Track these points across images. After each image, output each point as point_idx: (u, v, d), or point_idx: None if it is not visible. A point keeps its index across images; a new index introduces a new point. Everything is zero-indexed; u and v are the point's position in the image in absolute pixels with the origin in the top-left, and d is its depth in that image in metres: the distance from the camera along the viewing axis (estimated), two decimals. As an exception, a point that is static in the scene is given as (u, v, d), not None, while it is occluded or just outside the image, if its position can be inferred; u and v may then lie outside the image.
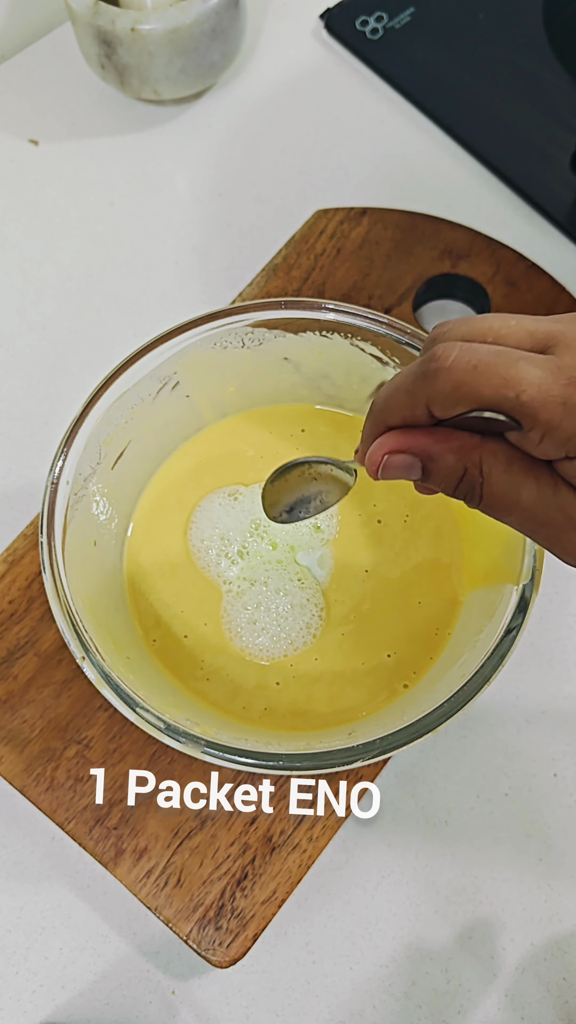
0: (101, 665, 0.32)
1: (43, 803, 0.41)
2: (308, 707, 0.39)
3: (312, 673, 0.40)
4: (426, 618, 0.40)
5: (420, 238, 0.51)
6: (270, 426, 0.44)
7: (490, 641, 0.33)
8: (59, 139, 0.58)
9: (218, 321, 0.38)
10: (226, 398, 0.43)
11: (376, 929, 0.41)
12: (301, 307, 0.38)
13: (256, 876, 0.39)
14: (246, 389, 0.43)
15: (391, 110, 0.59)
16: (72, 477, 0.35)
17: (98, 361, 0.52)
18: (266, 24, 0.62)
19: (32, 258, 0.55)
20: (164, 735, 0.31)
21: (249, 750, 0.32)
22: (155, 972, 0.41)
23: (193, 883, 0.39)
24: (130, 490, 0.42)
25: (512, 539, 0.35)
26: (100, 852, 0.40)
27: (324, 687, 0.39)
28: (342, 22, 0.61)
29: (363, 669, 0.40)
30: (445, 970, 0.41)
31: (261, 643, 0.40)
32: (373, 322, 0.38)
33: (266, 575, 0.41)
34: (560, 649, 0.45)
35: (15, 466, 0.50)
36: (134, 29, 0.51)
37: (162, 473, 0.43)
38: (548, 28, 0.60)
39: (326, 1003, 0.40)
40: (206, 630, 0.40)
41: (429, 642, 0.40)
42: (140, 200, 0.57)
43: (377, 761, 0.32)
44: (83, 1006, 0.40)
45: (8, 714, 0.42)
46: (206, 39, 0.53)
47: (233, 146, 0.58)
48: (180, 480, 0.43)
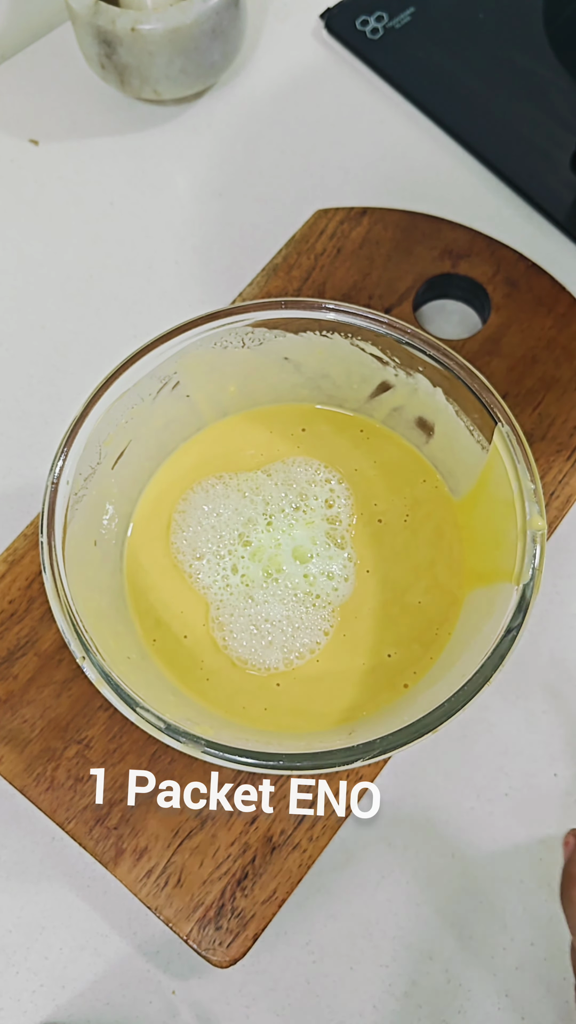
0: (101, 665, 0.32)
1: (43, 803, 0.41)
2: (308, 707, 0.39)
3: (312, 673, 0.40)
4: (426, 618, 0.40)
5: (420, 238, 0.51)
6: (270, 426, 0.44)
7: (490, 641, 0.33)
8: (59, 139, 0.58)
9: (218, 321, 0.38)
10: (226, 398, 0.43)
11: (376, 929, 0.41)
12: (301, 307, 0.38)
13: (256, 876, 0.40)
14: (246, 389, 0.43)
15: (391, 110, 0.59)
16: (72, 477, 0.35)
17: (98, 361, 0.52)
18: (266, 24, 0.62)
19: (32, 258, 0.55)
20: (164, 735, 0.31)
21: (249, 750, 0.32)
22: (155, 972, 0.41)
23: (193, 883, 0.39)
24: (130, 490, 0.42)
25: (512, 539, 0.35)
26: (100, 852, 0.40)
27: (324, 687, 0.39)
28: (342, 22, 0.61)
29: (363, 669, 0.40)
30: (445, 970, 0.41)
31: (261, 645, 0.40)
32: (373, 322, 0.38)
33: (265, 578, 0.41)
34: (560, 649, 0.45)
35: (15, 466, 0.50)
36: (134, 29, 0.51)
37: (162, 473, 0.43)
38: (548, 28, 0.60)
39: (326, 1003, 0.40)
40: (206, 630, 0.40)
41: (429, 642, 0.40)
42: (140, 200, 0.57)
43: (377, 761, 0.32)
44: (83, 1006, 0.40)
45: (8, 714, 0.42)
46: (206, 39, 0.53)
47: (233, 146, 0.58)
48: (180, 480, 0.43)
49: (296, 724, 0.38)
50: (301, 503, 0.42)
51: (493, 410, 0.36)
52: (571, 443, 0.46)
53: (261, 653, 0.39)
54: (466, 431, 0.37)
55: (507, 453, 0.35)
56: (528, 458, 0.35)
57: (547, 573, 0.47)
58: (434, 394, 0.38)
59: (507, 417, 0.36)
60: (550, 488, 0.46)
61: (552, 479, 0.46)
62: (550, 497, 0.45)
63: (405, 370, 0.39)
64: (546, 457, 0.46)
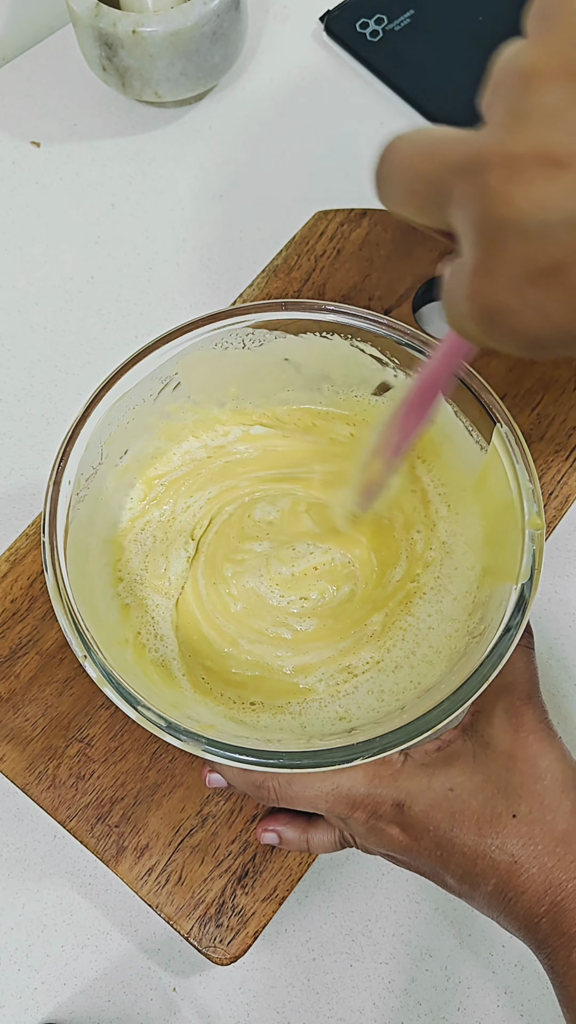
0: (103, 663, 0.33)
1: (45, 801, 0.41)
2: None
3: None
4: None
5: (420, 239, 0.51)
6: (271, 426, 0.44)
7: (488, 640, 0.33)
8: (60, 141, 0.59)
9: (219, 322, 0.38)
10: (227, 399, 0.43)
11: (376, 926, 0.41)
12: (301, 308, 0.38)
13: (257, 874, 0.40)
14: (247, 390, 0.43)
15: (391, 112, 0.59)
16: (74, 477, 0.36)
17: (99, 362, 0.52)
18: (266, 26, 0.62)
19: (34, 259, 0.55)
20: (165, 733, 0.32)
21: (249, 748, 0.32)
22: (156, 969, 0.41)
23: (194, 881, 0.40)
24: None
25: (511, 539, 0.35)
26: (101, 850, 0.40)
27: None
28: (342, 24, 0.61)
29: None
30: (445, 967, 0.41)
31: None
32: (373, 323, 0.38)
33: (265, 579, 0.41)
34: (559, 648, 0.45)
35: (17, 466, 0.50)
36: (135, 31, 0.52)
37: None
38: (547, 30, 0.60)
39: (326, 1000, 0.40)
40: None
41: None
42: (141, 201, 0.57)
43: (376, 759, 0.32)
44: (85, 1003, 0.41)
45: (10, 712, 0.42)
46: (207, 41, 0.54)
47: (234, 148, 0.58)
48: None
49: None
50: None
51: (492, 410, 0.36)
52: (569, 443, 0.46)
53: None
54: (465, 431, 0.38)
55: (506, 453, 0.35)
56: (527, 458, 0.35)
57: (546, 572, 0.47)
58: (433, 395, 0.38)
59: (506, 417, 0.36)
60: (548, 488, 0.46)
61: (551, 479, 0.46)
62: (548, 497, 0.46)
63: (405, 371, 0.39)
64: (544, 457, 0.46)
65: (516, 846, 0.32)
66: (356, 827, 0.34)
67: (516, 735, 0.34)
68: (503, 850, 0.32)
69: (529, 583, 0.33)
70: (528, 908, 0.32)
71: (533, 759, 0.33)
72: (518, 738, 0.34)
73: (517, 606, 0.33)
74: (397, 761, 0.34)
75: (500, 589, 0.35)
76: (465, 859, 0.32)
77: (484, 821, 0.32)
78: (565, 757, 0.34)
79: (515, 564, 0.34)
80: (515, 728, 0.34)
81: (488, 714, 0.35)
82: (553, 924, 0.31)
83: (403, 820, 0.33)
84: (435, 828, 0.33)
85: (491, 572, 0.37)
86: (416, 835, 0.33)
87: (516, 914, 0.32)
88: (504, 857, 0.32)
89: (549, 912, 0.31)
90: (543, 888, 0.31)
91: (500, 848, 0.32)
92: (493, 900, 0.32)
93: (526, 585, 0.33)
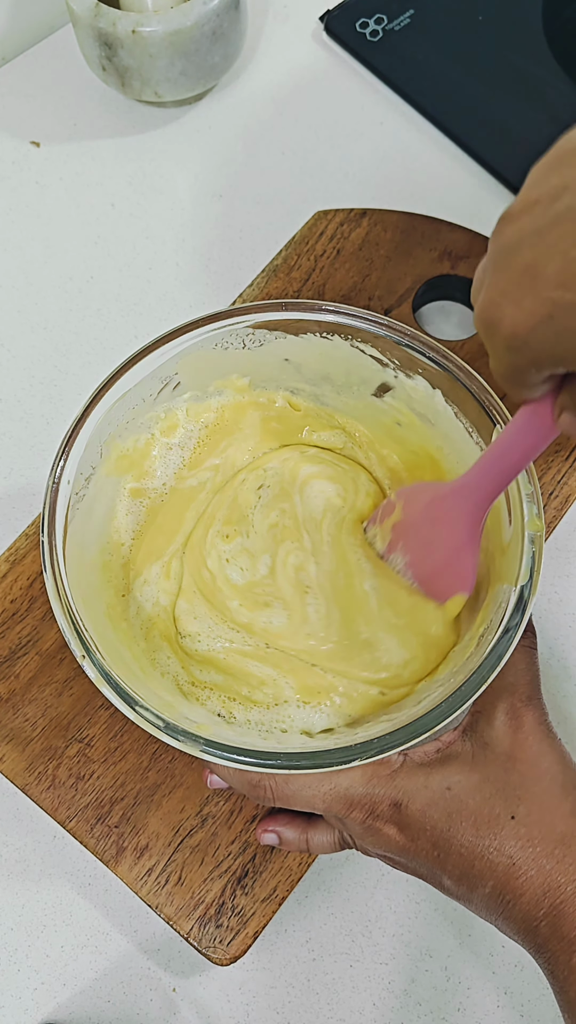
0: (101, 664, 0.33)
1: (44, 801, 0.41)
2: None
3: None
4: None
5: (419, 239, 0.51)
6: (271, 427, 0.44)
7: (488, 641, 0.33)
8: (60, 141, 0.59)
9: (219, 322, 0.38)
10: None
11: (376, 927, 0.41)
12: (301, 308, 0.38)
13: (256, 874, 0.40)
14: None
15: (391, 112, 0.59)
16: (73, 477, 0.36)
17: (99, 362, 0.52)
18: (266, 26, 0.62)
19: (34, 259, 0.55)
20: (163, 733, 0.32)
21: (248, 748, 0.32)
22: (156, 970, 0.41)
23: (194, 881, 0.40)
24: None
25: (511, 540, 0.35)
26: (101, 850, 0.40)
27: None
28: (342, 24, 0.61)
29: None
30: (445, 967, 0.41)
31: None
32: (373, 323, 0.38)
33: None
34: (559, 648, 0.45)
35: (17, 466, 0.50)
36: (135, 31, 0.52)
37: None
38: (547, 30, 0.60)
39: (326, 1000, 0.40)
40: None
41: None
42: (141, 201, 0.57)
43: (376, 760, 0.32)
44: (84, 1004, 0.41)
45: (10, 713, 0.42)
46: (207, 41, 0.54)
47: (233, 148, 0.58)
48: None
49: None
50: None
51: (492, 411, 0.36)
52: (569, 444, 0.46)
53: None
54: (465, 432, 0.38)
55: (505, 454, 0.35)
56: (526, 459, 0.35)
57: (546, 573, 0.47)
58: (433, 395, 0.38)
59: (505, 418, 0.36)
60: (548, 488, 0.46)
61: (551, 479, 0.46)
62: (548, 497, 0.46)
63: (405, 371, 0.39)
64: (544, 457, 0.46)
65: (514, 848, 0.32)
66: (353, 827, 0.34)
67: (516, 736, 0.34)
68: (501, 852, 0.32)
69: (528, 584, 0.33)
70: (526, 911, 0.31)
71: (533, 760, 0.33)
72: (518, 739, 0.34)
73: (516, 607, 0.33)
74: (396, 762, 0.34)
75: (500, 590, 0.35)
76: (462, 860, 0.32)
77: (482, 821, 0.32)
78: (565, 759, 0.34)
79: (514, 565, 0.34)
80: (515, 729, 0.34)
81: (488, 715, 0.34)
82: (552, 928, 0.31)
83: (400, 819, 0.33)
84: (432, 827, 0.33)
85: (490, 573, 0.37)
86: (413, 835, 0.33)
87: (514, 917, 0.32)
88: (502, 859, 0.32)
89: (548, 915, 0.31)
90: (542, 891, 0.31)
91: (498, 850, 0.32)
92: (491, 903, 0.32)
93: (525, 586, 0.33)
